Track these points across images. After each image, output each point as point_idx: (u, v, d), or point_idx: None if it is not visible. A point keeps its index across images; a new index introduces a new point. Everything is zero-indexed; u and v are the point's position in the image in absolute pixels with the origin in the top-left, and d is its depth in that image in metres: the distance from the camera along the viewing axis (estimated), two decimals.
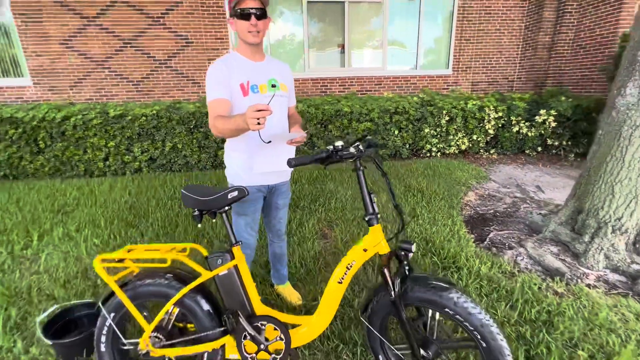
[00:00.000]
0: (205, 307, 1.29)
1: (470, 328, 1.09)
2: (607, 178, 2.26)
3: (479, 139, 5.43)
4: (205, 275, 1.28)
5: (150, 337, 1.29)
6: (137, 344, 1.32)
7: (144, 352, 1.29)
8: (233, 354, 1.33)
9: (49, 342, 1.50)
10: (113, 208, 3.41)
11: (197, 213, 1.29)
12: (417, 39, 6.63)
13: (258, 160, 1.46)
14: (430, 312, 1.25)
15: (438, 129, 5.32)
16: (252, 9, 1.35)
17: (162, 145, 4.89)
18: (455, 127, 5.31)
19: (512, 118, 5.23)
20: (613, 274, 2.16)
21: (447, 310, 1.12)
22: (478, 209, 3.39)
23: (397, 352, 1.34)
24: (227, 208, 1.31)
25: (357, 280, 2.09)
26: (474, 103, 5.23)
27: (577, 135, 5.29)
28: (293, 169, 1.47)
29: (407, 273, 1.25)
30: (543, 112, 5.12)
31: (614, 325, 1.65)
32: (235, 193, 1.30)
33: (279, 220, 1.78)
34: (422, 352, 1.22)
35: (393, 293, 1.22)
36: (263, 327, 1.32)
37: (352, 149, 1.17)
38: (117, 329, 1.32)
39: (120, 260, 1.29)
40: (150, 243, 2.69)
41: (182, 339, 1.30)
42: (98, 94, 6.13)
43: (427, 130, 5.27)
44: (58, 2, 5.67)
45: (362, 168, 1.23)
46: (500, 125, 5.37)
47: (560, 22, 6.30)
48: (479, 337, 1.08)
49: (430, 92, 5.96)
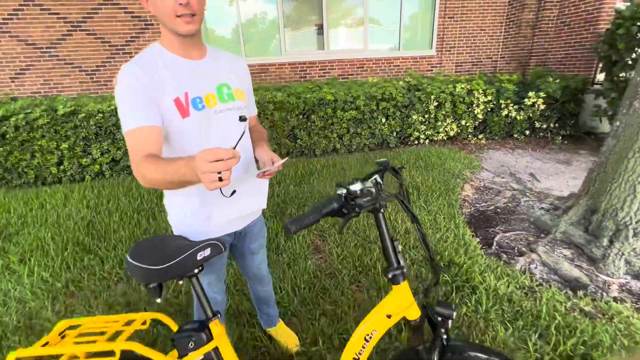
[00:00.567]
0: None
1: None
2: (628, 176, 2.05)
3: (468, 124, 5.21)
4: None
5: None
6: None
7: None
8: None
9: None
10: (67, 227, 2.91)
11: (154, 285, 0.91)
12: (399, 17, 6.22)
13: (216, 209, 1.02)
14: None
15: (426, 116, 5.05)
16: None
17: (124, 145, 4.32)
18: (444, 112, 5.05)
19: (501, 101, 5.03)
20: (635, 282, 1.99)
21: None
22: (478, 206, 3.17)
23: None
24: (197, 271, 0.95)
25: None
26: (462, 86, 4.96)
27: (564, 117, 5.19)
28: (267, 192, 1.01)
29: (445, 344, 0.95)
30: (532, 94, 4.94)
31: None
32: (208, 251, 0.93)
33: (258, 266, 1.42)
34: None
35: None
36: None
37: (371, 188, 0.82)
38: None
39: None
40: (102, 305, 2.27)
41: None
42: (46, 87, 5.37)
43: (415, 117, 4.98)
44: None
45: (382, 210, 0.89)
46: (489, 110, 5.16)
47: None
48: None
49: (416, 75, 5.64)
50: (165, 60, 0.95)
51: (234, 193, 0.94)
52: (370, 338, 0.98)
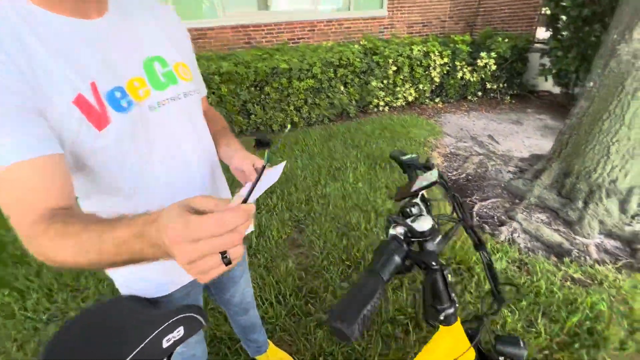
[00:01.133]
0: None
1: None
2: (602, 138, 2.05)
3: (425, 88, 5.14)
4: None
5: None
6: None
7: None
8: None
9: None
10: None
11: None
12: None
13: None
14: None
15: (385, 81, 4.83)
16: None
17: None
18: (402, 77, 4.88)
19: (456, 63, 4.98)
20: (608, 240, 2.07)
21: None
22: (449, 175, 3.12)
23: None
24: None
25: None
26: (419, 49, 4.79)
27: (512, 77, 5.35)
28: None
29: None
30: (484, 54, 4.95)
31: None
32: (180, 332, 0.60)
33: (242, 293, 1.11)
34: None
35: None
36: None
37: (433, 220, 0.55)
38: None
39: None
40: None
41: None
42: None
43: (374, 84, 4.74)
44: None
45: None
46: (446, 72, 5.11)
47: None
48: None
49: (372, 38, 5.32)
50: (37, 25, 0.51)
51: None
52: None
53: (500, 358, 0.74)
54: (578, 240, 2.07)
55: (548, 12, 4.48)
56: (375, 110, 5.10)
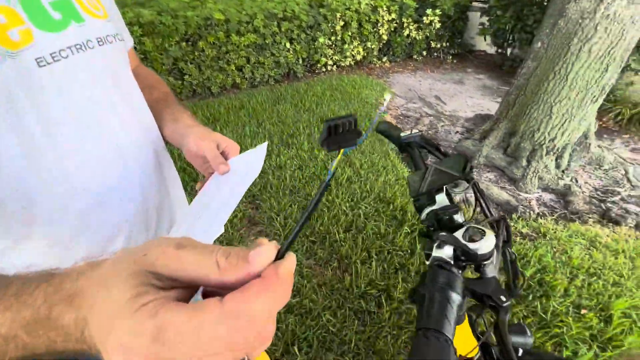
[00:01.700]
0: None
1: None
2: (546, 98, 2.15)
3: (373, 47, 4.97)
4: None
5: None
6: None
7: None
8: None
9: None
10: None
11: None
12: None
13: None
14: None
15: (333, 38, 4.54)
16: None
17: None
18: (350, 33, 4.63)
19: (403, 20, 4.86)
20: (546, 194, 2.26)
21: None
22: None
23: None
24: None
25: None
26: (367, 3, 4.54)
27: (453, 36, 5.43)
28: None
29: None
30: (430, 12, 4.89)
31: (586, 263, 1.68)
32: None
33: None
34: None
35: None
36: None
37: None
38: None
39: None
40: None
41: None
42: None
43: (321, 40, 4.42)
44: None
45: None
46: (393, 30, 4.97)
47: None
48: None
49: None
50: None
51: None
52: None
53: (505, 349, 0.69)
54: (522, 197, 2.22)
55: None
56: (324, 70, 4.83)
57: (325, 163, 2.50)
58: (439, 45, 5.39)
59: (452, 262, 0.36)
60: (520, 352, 0.63)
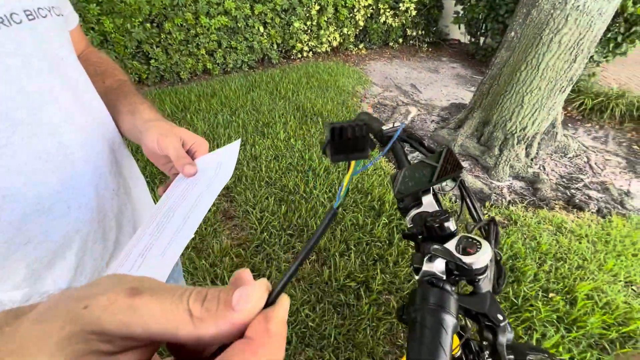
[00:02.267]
0: None
1: None
2: (518, 88, 2.19)
3: (350, 33, 4.88)
4: None
5: None
6: None
7: None
8: None
9: None
10: None
11: None
12: None
13: None
14: None
15: (308, 22, 4.40)
16: None
17: None
18: (326, 18, 4.51)
19: (380, 6, 4.79)
20: (516, 182, 2.33)
21: None
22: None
23: None
24: None
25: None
26: None
27: (429, 24, 5.43)
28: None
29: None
30: None
31: (554, 248, 1.75)
32: None
33: None
34: None
35: None
36: None
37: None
38: None
39: None
40: None
41: None
42: None
43: (297, 25, 4.27)
44: None
45: None
46: (369, 15, 4.89)
47: None
48: None
49: None
50: None
51: None
52: None
53: (484, 343, 0.69)
54: (495, 185, 2.28)
55: None
56: (300, 56, 4.70)
57: (302, 153, 2.44)
58: (415, 33, 5.38)
59: (444, 277, 0.33)
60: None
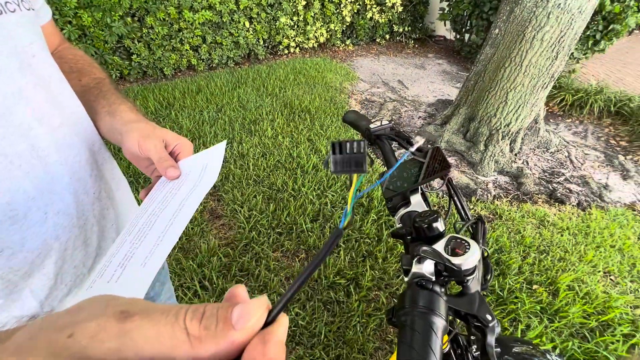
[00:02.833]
0: None
1: None
2: (503, 84, 2.22)
3: (336, 29, 4.86)
4: None
5: None
6: None
7: None
8: None
9: None
10: None
11: None
12: None
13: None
14: None
15: (295, 18, 4.36)
16: None
17: None
18: (313, 14, 4.47)
19: (366, 2, 4.78)
20: (501, 176, 2.38)
21: None
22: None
23: None
24: None
25: None
26: None
27: (415, 20, 5.46)
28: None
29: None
30: None
31: (537, 241, 1.80)
32: None
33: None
34: None
35: None
36: None
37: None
38: None
39: None
40: None
41: None
42: None
43: (283, 20, 4.23)
44: None
45: None
46: (356, 12, 4.88)
47: None
48: None
49: None
50: None
51: None
52: None
53: (472, 338, 0.70)
54: (480, 180, 2.32)
55: None
56: (286, 52, 4.66)
57: (290, 150, 2.42)
58: (402, 29, 5.40)
59: (433, 278, 0.33)
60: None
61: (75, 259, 0.48)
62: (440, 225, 0.37)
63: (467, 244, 0.34)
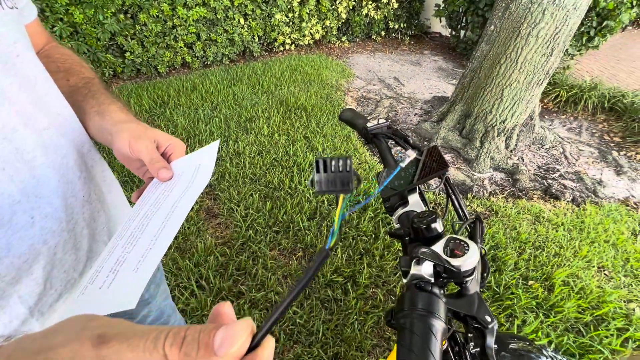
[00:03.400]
0: None
1: None
2: (498, 81, 2.23)
3: (332, 25, 4.84)
4: None
5: None
6: None
7: None
8: None
9: None
10: None
11: None
12: None
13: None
14: None
15: (290, 15, 4.33)
16: None
17: None
18: (308, 10, 4.44)
19: None
20: (497, 173, 2.39)
21: None
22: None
23: None
24: None
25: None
26: None
27: (410, 17, 5.45)
28: None
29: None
30: None
31: (532, 237, 1.81)
32: None
33: (160, 308, 0.81)
34: None
35: None
36: None
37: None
38: None
39: None
40: None
41: None
42: None
43: (278, 17, 4.20)
44: None
45: None
46: (351, 8, 4.86)
47: None
48: None
49: None
50: None
51: None
52: None
53: (470, 335, 0.70)
54: (476, 176, 2.33)
55: None
56: (282, 49, 4.63)
57: (287, 148, 2.41)
58: (397, 26, 5.39)
59: (432, 280, 0.32)
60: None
61: (65, 264, 0.48)
62: (439, 226, 0.37)
63: (466, 245, 0.33)
